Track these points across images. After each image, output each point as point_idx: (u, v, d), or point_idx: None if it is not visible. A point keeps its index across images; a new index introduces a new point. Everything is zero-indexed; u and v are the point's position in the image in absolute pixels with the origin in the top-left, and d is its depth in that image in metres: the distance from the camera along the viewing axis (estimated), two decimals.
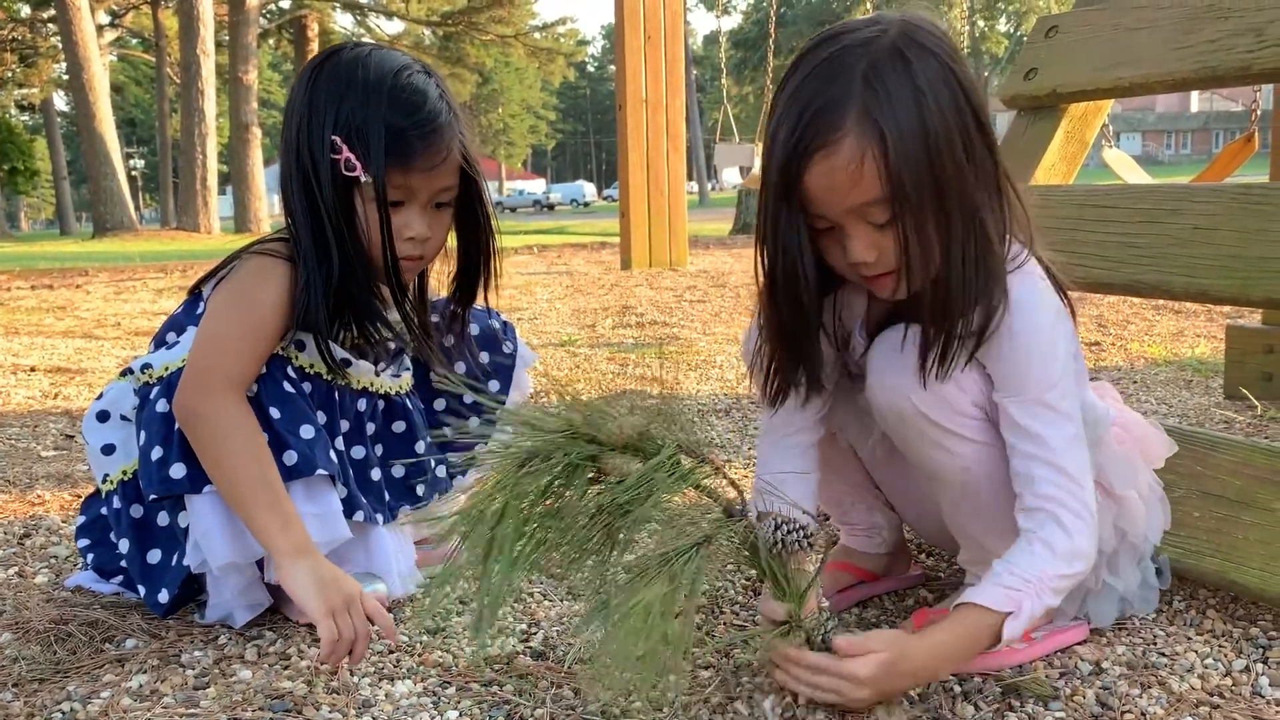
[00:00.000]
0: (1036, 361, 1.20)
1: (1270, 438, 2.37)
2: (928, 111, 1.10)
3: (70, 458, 2.45)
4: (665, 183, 8.01)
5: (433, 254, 1.48)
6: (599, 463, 1.10)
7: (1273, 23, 1.67)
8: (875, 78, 1.10)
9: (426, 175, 1.38)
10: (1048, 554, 1.16)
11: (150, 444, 1.37)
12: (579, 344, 4.28)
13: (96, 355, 4.15)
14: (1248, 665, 1.26)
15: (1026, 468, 1.20)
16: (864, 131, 1.09)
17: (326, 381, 1.46)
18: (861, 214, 1.14)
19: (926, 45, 1.13)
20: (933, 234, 1.13)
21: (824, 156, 1.11)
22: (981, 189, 1.15)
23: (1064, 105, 2.05)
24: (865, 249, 1.16)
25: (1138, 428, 1.40)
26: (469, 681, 1.26)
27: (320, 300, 1.38)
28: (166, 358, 1.41)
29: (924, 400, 1.23)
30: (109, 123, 20.31)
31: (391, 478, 1.57)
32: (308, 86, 1.38)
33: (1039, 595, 1.15)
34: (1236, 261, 1.52)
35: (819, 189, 1.13)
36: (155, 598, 1.41)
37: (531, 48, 26.98)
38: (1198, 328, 4.24)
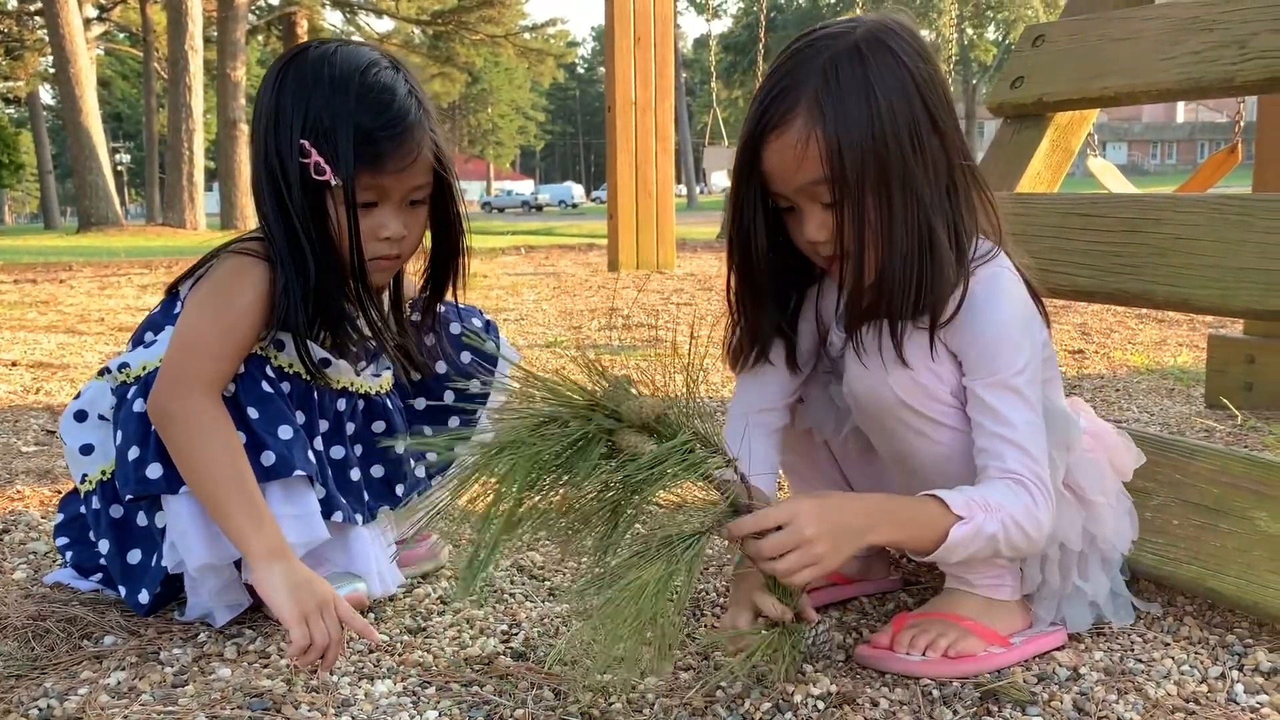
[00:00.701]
0: (1006, 346, 1.26)
1: (1250, 447, 2.39)
2: (875, 104, 1.19)
3: (51, 453, 2.44)
4: (654, 185, 8.02)
5: (410, 251, 1.47)
6: (614, 438, 1.10)
7: (1256, 35, 1.68)
8: (831, 69, 1.20)
9: (398, 175, 1.37)
10: (1012, 496, 1.23)
11: (127, 444, 1.36)
12: (565, 345, 4.28)
13: (79, 351, 4.13)
14: (1223, 672, 1.27)
15: (993, 445, 1.26)
16: (812, 115, 1.20)
17: (305, 381, 1.45)
18: (811, 194, 1.23)
19: (889, 44, 1.22)
20: (873, 221, 1.21)
21: (777, 135, 1.22)
22: (932, 186, 1.23)
23: (1050, 114, 2.06)
24: (816, 229, 1.25)
25: (1108, 438, 1.43)
26: (449, 681, 1.26)
27: (299, 302, 1.37)
28: (144, 357, 1.41)
29: (904, 389, 1.27)
30: (95, 117, 20.19)
31: (371, 477, 1.56)
32: (274, 87, 1.37)
33: (992, 521, 1.20)
34: (1217, 271, 1.53)
35: (773, 166, 1.24)
36: (136, 598, 1.41)
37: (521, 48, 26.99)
38: (1180, 336, 4.27)
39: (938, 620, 1.31)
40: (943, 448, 1.29)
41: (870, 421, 1.34)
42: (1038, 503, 1.23)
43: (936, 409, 1.28)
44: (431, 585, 1.59)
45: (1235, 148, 4.48)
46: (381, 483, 1.58)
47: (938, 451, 1.29)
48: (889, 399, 1.28)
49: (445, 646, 1.37)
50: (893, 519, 1.21)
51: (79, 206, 20.61)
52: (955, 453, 1.29)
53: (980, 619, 1.31)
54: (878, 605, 1.52)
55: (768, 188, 1.26)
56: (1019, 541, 1.23)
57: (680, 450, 1.10)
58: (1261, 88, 1.72)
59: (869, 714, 1.17)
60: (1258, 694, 1.22)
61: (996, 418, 1.25)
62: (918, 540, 1.22)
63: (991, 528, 1.20)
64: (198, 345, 1.35)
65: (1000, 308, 1.26)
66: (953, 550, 1.20)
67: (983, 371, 1.26)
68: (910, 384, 1.27)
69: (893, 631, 1.33)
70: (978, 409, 1.27)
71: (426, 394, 1.65)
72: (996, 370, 1.25)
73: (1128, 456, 1.43)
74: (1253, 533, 1.37)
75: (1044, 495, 1.24)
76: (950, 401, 1.29)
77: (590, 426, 1.09)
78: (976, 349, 1.26)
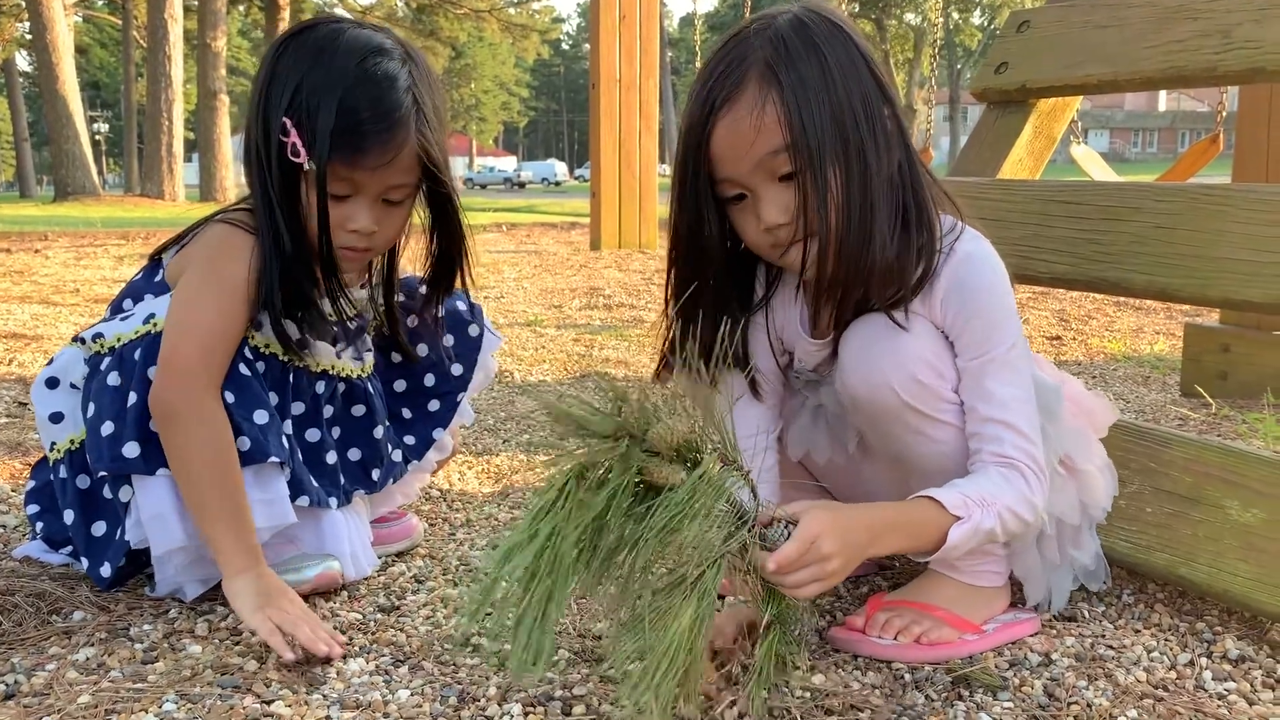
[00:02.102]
0: (998, 319, 1.25)
1: (1223, 435, 2.40)
2: (828, 68, 1.16)
3: (23, 425, 2.41)
4: (637, 164, 7.99)
5: (382, 246, 1.44)
6: (644, 473, 1.06)
7: (1240, 25, 1.68)
8: (778, 39, 1.16)
9: (373, 172, 1.33)
10: (1005, 485, 1.22)
11: (100, 418, 1.34)
12: (545, 324, 4.27)
13: (53, 322, 4.08)
14: (1192, 659, 1.28)
15: (987, 429, 1.24)
16: (765, 80, 1.15)
17: (282, 362, 1.44)
18: (768, 169, 1.17)
19: (829, 18, 1.19)
20: (836, 193, 1.15)
21: (728, 110, 1.16)
22: (889, 156, 1.19)
23: (1033, 100, 2.06)
24: (777, 211, 1.18)
25: (1084, 400, 1.44)
26: (421, 661, 1.26)
27: (275, 279, 1.35)
28: (119, 328, 1.38)
29: (908, 389, 1.24)
30: (72, 85, 19.91)
31: (347, 460, 1.55)
32: (274, 59, 1.34)
33: (988, 515, 1.19)
34: (1195, 261, 1.53)
35: (725, 145, 1.17)
36: (98, 570, 1.40)
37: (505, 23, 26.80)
38: (1157, 324, 4.30)
39: (911, 610, 1.31)
40: (942, 445, 1.28)
41: (868, 422, 1.32)
42: (1031, 486, 1.23)
43: (939, 408, 1.26)
44: (406, 564, 1.59)
45: (1217, 137, 4.50)
46: (358, 466, 1.56)
47: (937, 451, 1.28)
48: (891, 402, 1.25)
49: (419, 625, 1.36)
50: (895, 529, 1.18)
51: (55, 176, 20.34)
52: (954, 450, 1.28)
53: (955, 607, 1.32)
54: (852, 588, 1.53)
55: (715, 177, 1.20)
56: (1015, 528, 1.23)
57: (710, 479, 1.06)
58: (1243, 78, 1.72)
59: (841, 698, 1.17)
60: (1225, 681, 1.23)
61: (991, 400, 1.24)
62: (920, 545, 1.21)
63: (989, 522, 1.19)
64: (205, 338, 1.32)
65: (988, 279, 1.25)
66: (954, 549, 1.19)
67: (978, 350, 1.25)
68: (914, 385, 1.24)
69: (866, 614, 1.34)
70: (971, 390, 1.25)
71: (407, 376, 1.64)
72: (992, 346, 1.24)
73: (1104, 414, 1.45)
74: (1224, 521, 1.38)
75: (1037, 477, 1.24)
76: (953, 400, 1.27)
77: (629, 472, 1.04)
78: (972, 326, 1.25)
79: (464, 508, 1.89)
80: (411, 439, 1.63)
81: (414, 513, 1.77)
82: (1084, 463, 1.37)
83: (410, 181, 1.38)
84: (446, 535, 1.73)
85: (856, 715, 1.14)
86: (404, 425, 1.63)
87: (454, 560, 1.61)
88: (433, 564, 1.59)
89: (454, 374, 1.65)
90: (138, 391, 1.33)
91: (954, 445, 1.28)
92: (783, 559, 1.06)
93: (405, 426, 1.64)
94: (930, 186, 1.26)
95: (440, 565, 1.59)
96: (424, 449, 1.65)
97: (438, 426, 1.65)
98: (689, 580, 1.02)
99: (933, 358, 1.25)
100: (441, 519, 1.82)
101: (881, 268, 1.19)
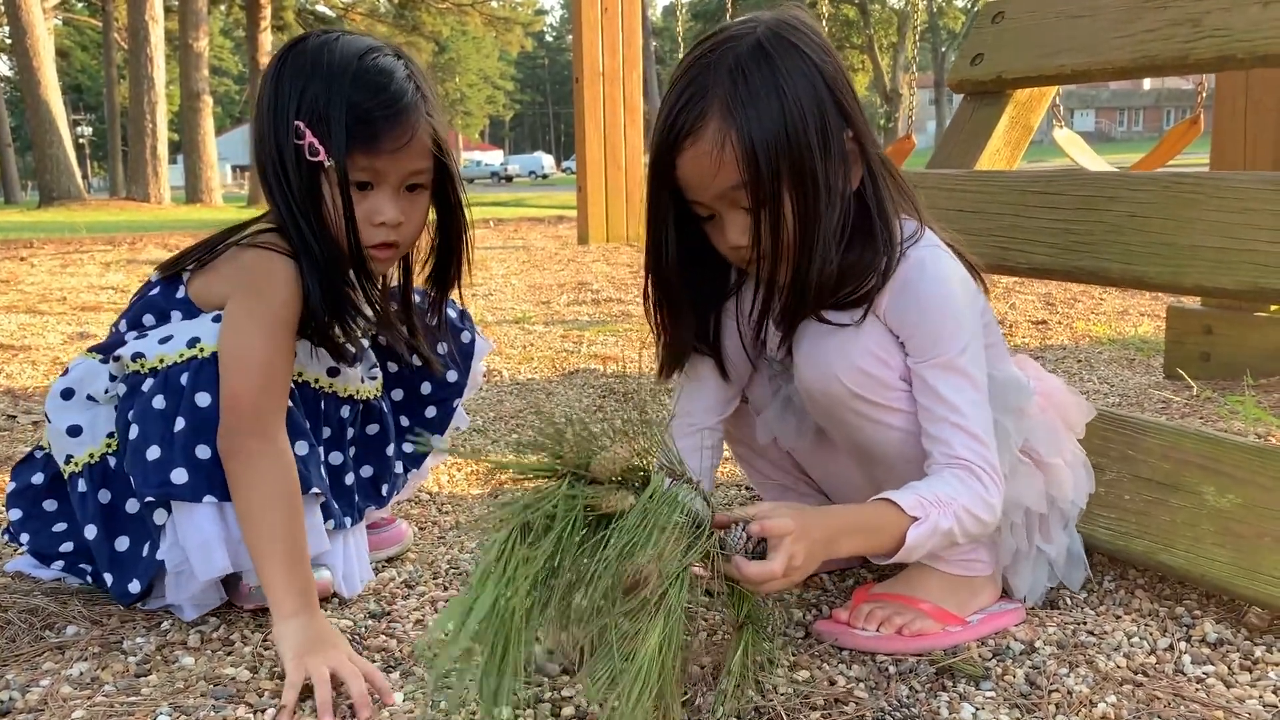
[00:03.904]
0: (947, 326, 1.27)
1: (1205, 418, 2.43)
2: (786, 102, 1.19)
3: (12, 439, 2.42)
4: (623, 157, 7.99)
5: (409, 240, 1.44)
6: (593, 502, 1.07)
7: (1209, 13, 1.70)
8: (737, 71, 1.19)
9: (393, 156, 1.34)
10: (962, 487, 1.24)
11: (145, 442, 1.33)
12: (533, 321, 4.28)
13: (41, 331, 4.08)
14: (1172, 644, 1.30)
15: (939, 430, 1.27)
16: (725, 120, 1.18)
17: (314, 390, 1.45)
18: (730, 199, 1.23)
19: (792, 41, 1.22)
20: (789, 220, 1.21)
21: (691, 144, 1.21)
22: (846, 177, 1.24)
23: (1009, 91, 2.07)
24: (739, 233, 1.25)
25: (1059, 395, 1.46)
26: (413, 666, 1.27)
27: (320, 297, 1.35)
28: (161, 350, 1.36)
29: (855, 381, 1.28)
30: (54, 89, 19.80)
31: (361, 479, 1.57)
32: (274, 75, 1.35)
33: (945, 515, 1.22)
34: (1169, 250, 1.55)
35: (689, 174, 1.23)
36: (125, 586, 1.39)
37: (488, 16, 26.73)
38: (1142, 306, 4.33)
39: (895, 602, 1.33)
40: (897, 432, 1.31)
41: (824, 414, 1.36)
42: (987, 487, 1.25)
43: (888, 395, 1.29)
44: (396, 569, 1.60)
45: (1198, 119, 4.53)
46: (370, 483, 1.58)
47: (893, 436, 1.31)
48: (840, 392, 1.29)
49: (409, 631, 1.38)
50: (853, 531, 1.20)
51: (39, 181, 20.25)
52: (910, 434, 1.31)
53: (940, 601, 1.34)
54: (838, 581, 1.54)
55: (684, 196, 1.25)
56: (973, 529, 1.25)
57: (660, 497, 1.07)
58: (1214, 65, 1.74)
59: (826, 691, 1.19)
60: (1204, 664, 1.25)
61: (942, 402, 1.26)
62: (878, 546, 1.23)
63: (946, 523, 1.22)
64: (257, 370, 1.31)
65: (937, 287, 1.27)
66: (912, 551, 1.21)
67: (926, 353, 1.27)
68: (860, 375, 1.28)
69: (851, 606, 1.36)
70: (923, 393, 1.28)
71: (405, 385, 1.65)
72: (940, 351, 1.27)
73: (1078, 412, 1.46)
74: (1201, 507, 1.40)
75: (993, 479, 1.26)
76: (900, 387, 1.30)
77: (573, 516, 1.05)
78: (919, 331, 1.27)
79: (453, 510, 1.90)
80: (410, 448, 1.65)
81: (403, 517, 1.79)
82: (1051, 456, 1.38)
83: (427, 166, 1.40)
84: (436, 539, 1.75)
85: (841, 709, 1.16)
86: (402, 434, 1.65)
87: (444, 564, 1.62)
88: (423, 568, 1.61)
89: (449, 380, 1.66)
90: (186, 418, 1.32)
91: (908, 430, 1.30)
92: (765, 573, 1.09)
93: (403, 435, 1.65)
94: (892, 197, 1.29)
95: (430, 569, 1.60)
96: (422, 458, 1.66)
97: (435, 433, 1.66)
98: (651, 600, 1.02)
99: (877, 348, 1.28)
100: (431, 522, 1.83)
101: (830, 282, 1.24)
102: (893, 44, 44.26)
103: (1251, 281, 1.44)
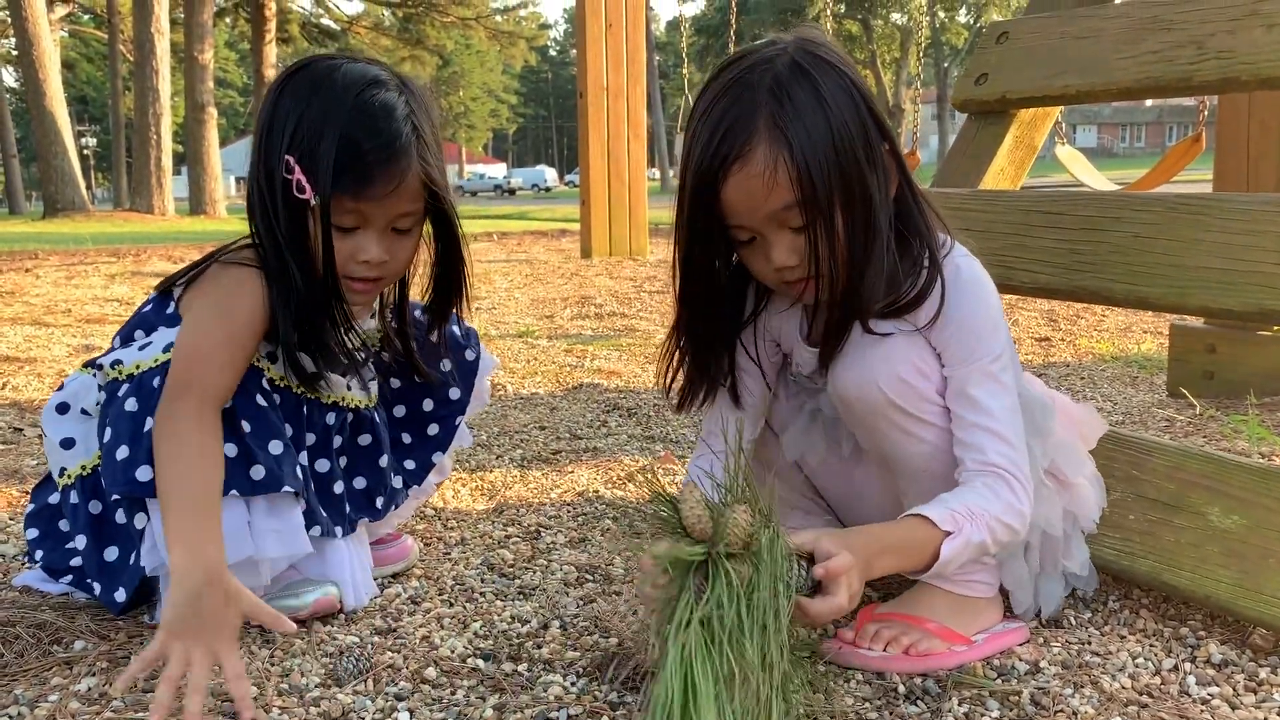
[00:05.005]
0: (984, 333, 1.28)
1: (1209, 436, 2.43)
2: (832, 118, 1.18)
3: (19, 452, 2.42)
4: (626, 171, 8.02)
5: (394, 276, 1.46)
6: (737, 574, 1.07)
7: (1213, 35, 1.71)
8: (780, 90, 1.19)
9: (379, 202, 1.34)
10: (992, 496, 1.25)
11: (116, 442, 1.35)
12: (537, 335, 4.29)
13: (46, 344, 4.09)
14: (1176, 665, 1.30)
15: (972, 436, 1.28)
16: (774, 140, 1.18)
17: (296, 394, 1.46)
18: (780, 220, 1.21)
19: (825, 58, 1.22)
20: (843, 235, 1.21)
21: (739, 167, 1.19)
22: (889, 189, 1.25)
23: (1013, 110, 2.08)
24: (787, 254, 1.23)
25: (1072, 411, 1.48)
26: (419, 683, 1.27)
27: (287, 316, 1.36)
28: (138, 356, 1.39)
29: (894, 389, 1.29)
30: (60, 100, 19.90)
31: (353, 489, 1.57)
32: (273, 100, 1.36)
33: (978, 528, 1.22)
34: (1174, 270, 1.56)
35: (737, 199, 1.21)
36: (112, 595, 1.41)
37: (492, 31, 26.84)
38: (1145, 323, 4.33)
39: (901, 621, 1.34)
40: (927, 446, 1.31)
41: (857, 422, 1.36)
42: (1017, 494, 1.26)
43: (923, 408, 1.30)
44: (402, 585, 1.60)
45: (1199, 137, 4.54)
46: (363, 494, 1.58)
47: (922, 450, 1.32)
48: (878, 400, 1.29)
49: (415, 647, 1.38)
50: (889, 550, 1.21)
51: (44, 192, 20.31)
52: (939, 450, 1.31)
53: (947, 620, 1.34)
54: None
55: (725, 221, 1.24)
56: (1005, 538, 1.26)
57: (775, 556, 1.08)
58: (1217, 87, 1.75)
59: (835, 711, 1.19)
60: (1209, 686, 1.25)
61: (975, 407, 1.27)
62: (914, 564, 1.24)
63: (979, 536, 1.22)
64: (205, 358, 1.33)
65: (974, 295, 1.29)
66: (947, 564, 1.22)
67: (962, 360, 1.28)
68: (900, 384, 1.28)
69: (857, 626, 1.36)
70: (956, 399, 1.29)
71: (407, 402, 1.66)
72: (976, 358, 1.28)
73: (1093, 425, 1.48)
74: (1206, 528, 1.41)
75: (1023, 485, 1.27)
76: (936, 401, 1.30)
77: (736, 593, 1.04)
78: (956, 339, 1.28)
79: (458, 526, 1.90)
80: (412, 464, 1.65)
81: (408, 533, 1.79)
82: (1074, 476, 1.40)
83: (417, 209, 1.40)
84: (441, 554, 1.75)
85: None
86: (404, 450, 1.65)
87: (449, 580, 1.63)
88: (428, 584, 1.61)
89: (452, 398, 1.67)
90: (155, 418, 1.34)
91: (938, 445, 1.31)
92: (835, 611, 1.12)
93: (405, 451, 1.65)
94: (927, 207, 1.31)
95: (436, 585, 1.61)
96: (423, 474, 1.67)
97: (437, 450, 1.67)
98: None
99: (917, 359, 1.29)
100: (436, 538, 1.84)
101: (881, 294, 1.25)
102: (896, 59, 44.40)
103: (1256, 303, 1.44)
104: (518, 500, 2.07)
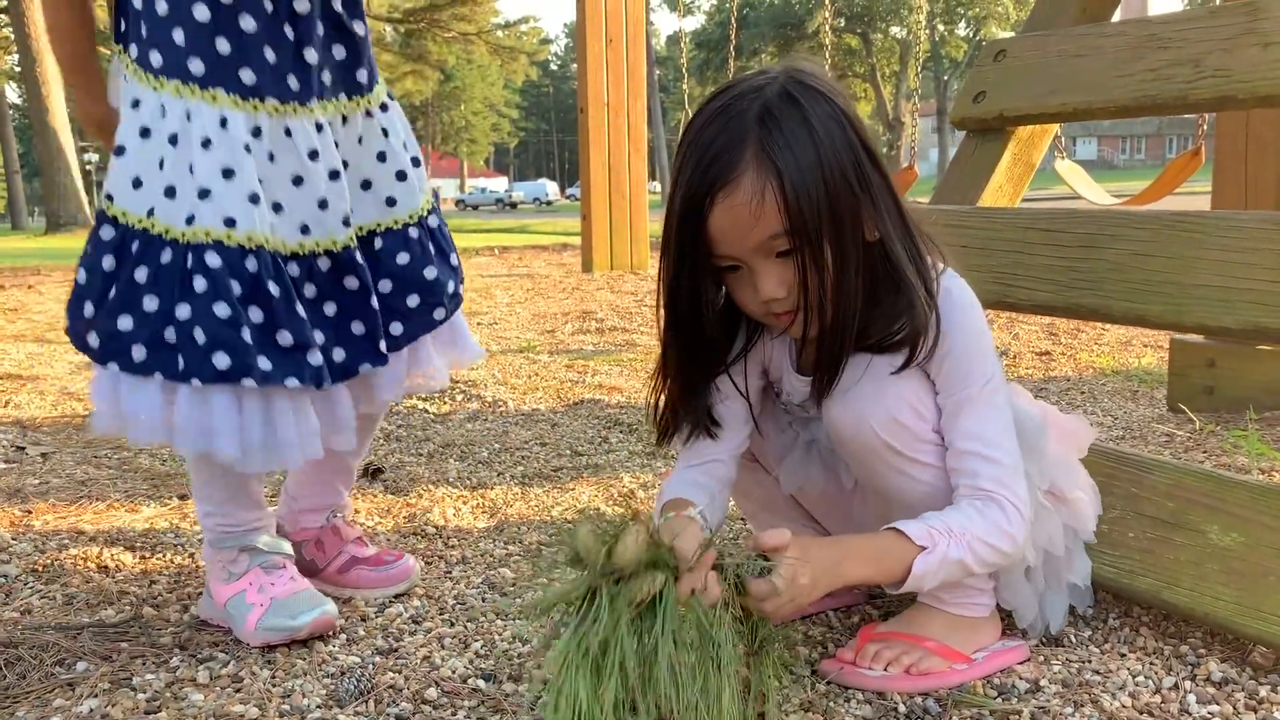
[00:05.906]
0: (976, 358, 1.28)
1: (1209, 452, 2.43)
2: (821, 146, 1.16)
3: (22, 470, 2.43)
4: (627, 186, 8.05)
5: None
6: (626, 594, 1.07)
7: (1210, 54, 1.72)
8: (768, 118, 1.16)
9: None
10: (978, 517, 1.25)
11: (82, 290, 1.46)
12: (538, 350, 4.29)
13: (49, 361, 4.09)
14: (1176, 683, 1.30)
15: (964, 462, 1.27)
16: (761, 167, 1.15)
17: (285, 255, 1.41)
18: (767, 250, 1.19)
19: (814, 87, 1.20)
20: (832, 265, 1.18)
21: (725, 195, 1.16)
22: (880, 217, 1.22)
23: (1011, 128, 2.09)
24: (775, 285, 1.21)
25: (1063, 423, 1.47)
26: (420, 704, 1.27)
27: None
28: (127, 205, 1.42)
29: (887, 429, 1.28)
30: (63, 117, 19.94)
31: (352, 334, 1.49)
32: None
33: (956, 546, 1.22)
34: (1171, 287, 1.56)
35: (723, 228, 1.18)
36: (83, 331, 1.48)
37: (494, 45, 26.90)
38: (1145, 337, 4.33)
39: (901, 640, 1.34)
40: (924, 486, 1.30)
41: (853, 459, 1.36)
42: (1009, 516, 1.25)
43: (918, 449, 1.29)
44: (403, 605, 1.60)
45: (1199, 151, 4.55)
46: (365, 339, 1.50)
47: (918, 490, 1.31)
48: (873, 443, 1.28)
49: (417, 667, 1.38)
50: (860, 557, 1.21)
51: (47, 207, 20.36)
52: (935, 490, 1.30)
53: (946, 639, 1.34)
54: (843, 618, 1.55)
55: (711, 250, 1.21)
56: (991, 559, 1.26)
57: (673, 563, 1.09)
58: (1213, 105, 1.76)
59: None
60: (1210, 704, 1.25)
61: (968, 434, 1.27)
62: (887, 574, 1.23)
63: (957, 553, 1.22)
64: None
65: (965, 321, 1.28)
66: (921, 580, 1.22)
67: (955, 387, 1.28)
68: (894, 425, 1.27)
69: (857, 645, 1.36)
70: (950, 426, 1.28)
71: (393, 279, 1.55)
72: (969, 384, 1.27)
73: (1082, 435, 1.47)
74: (1205, 546, 1.41)
75: (1016, 508, 1.26)
76: (932, 440, 1.29)
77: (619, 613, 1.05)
78: (948, 366, 1.28)
79: (459, 544, 1.91)
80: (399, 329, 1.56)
81: (409, 552, 1.79)
82: (1071, 490, 1.41)
83: None
84: (442, 573, 1.75)
85: None
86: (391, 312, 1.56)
87: (450, 599, 1.63)
88: (429, 604, 1.61)
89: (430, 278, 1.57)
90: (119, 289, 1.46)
91: (935, 485, 1.30)
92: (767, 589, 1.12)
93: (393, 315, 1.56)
94: (922, 237, 1.29)
95: (437, 605, 1.61)
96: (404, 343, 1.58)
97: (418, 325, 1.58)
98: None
99: (913, 398, 1.28)
100: (437, 556, 1.84)
101: (874, 327, 1.24)
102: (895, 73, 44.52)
103: (1252, 320, 1.45)
104: (519, 518, 2.07)
